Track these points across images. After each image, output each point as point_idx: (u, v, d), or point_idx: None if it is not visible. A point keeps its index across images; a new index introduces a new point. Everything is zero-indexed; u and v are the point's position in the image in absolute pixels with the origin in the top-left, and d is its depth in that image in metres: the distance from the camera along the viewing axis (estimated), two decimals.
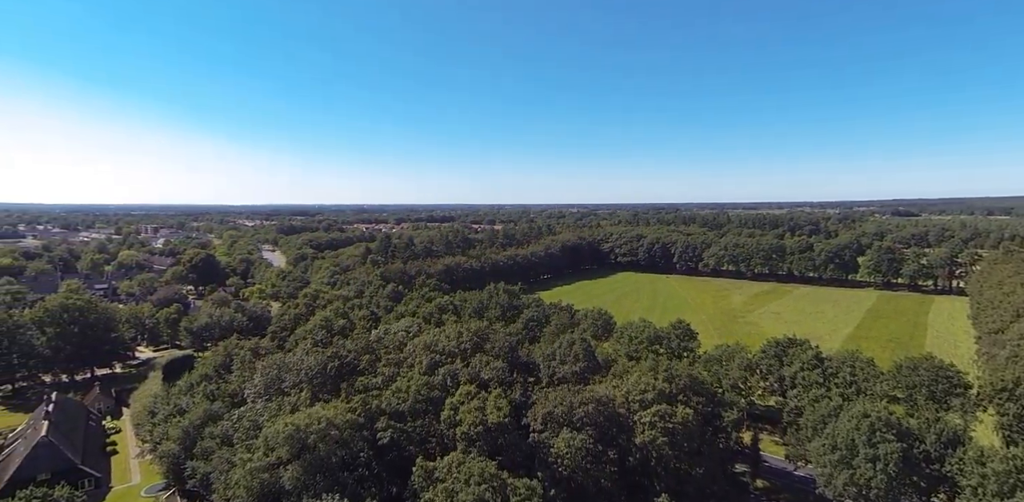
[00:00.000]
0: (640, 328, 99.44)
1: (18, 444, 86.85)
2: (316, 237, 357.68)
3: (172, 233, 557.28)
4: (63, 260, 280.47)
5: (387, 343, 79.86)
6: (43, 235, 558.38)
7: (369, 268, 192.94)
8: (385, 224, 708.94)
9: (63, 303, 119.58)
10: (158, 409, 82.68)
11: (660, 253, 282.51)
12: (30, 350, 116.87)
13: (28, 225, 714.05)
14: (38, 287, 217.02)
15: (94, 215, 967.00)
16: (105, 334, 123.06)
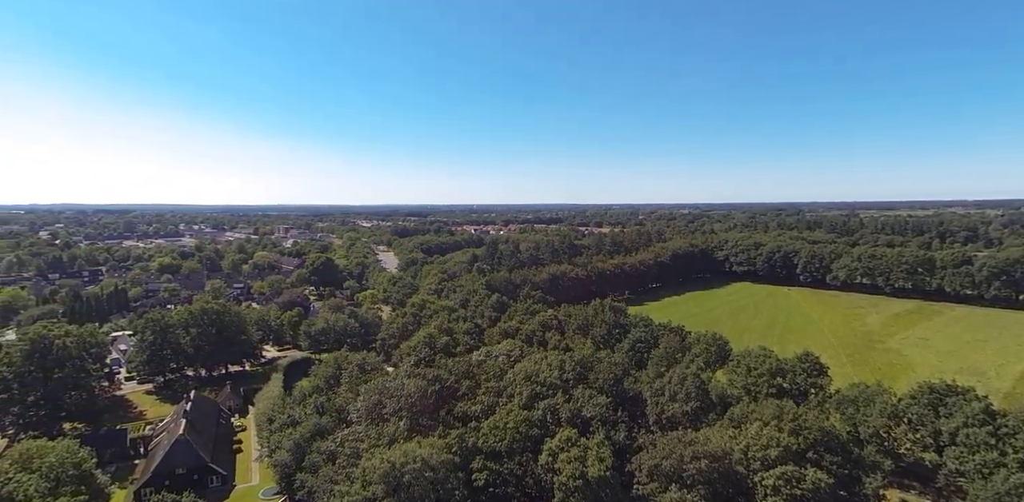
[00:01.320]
0: (760, 358, 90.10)
1: (162, 438, 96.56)
2: (426, 241, 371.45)
3: (300, 234, 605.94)
4: (210, 259, 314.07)
5: (488, 368, 78.77)
6: (197, 235, 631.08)
7: (475, 276, 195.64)
8: (493, 226, 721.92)
9: (203, 307, 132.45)
10: (275, 416, 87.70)
11: (781, 262, 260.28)
12: (178, 347, 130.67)
13: (187, 225, 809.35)
14: (189, 284, 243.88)
15: (238, 216, 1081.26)
16: (237, 335, 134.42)
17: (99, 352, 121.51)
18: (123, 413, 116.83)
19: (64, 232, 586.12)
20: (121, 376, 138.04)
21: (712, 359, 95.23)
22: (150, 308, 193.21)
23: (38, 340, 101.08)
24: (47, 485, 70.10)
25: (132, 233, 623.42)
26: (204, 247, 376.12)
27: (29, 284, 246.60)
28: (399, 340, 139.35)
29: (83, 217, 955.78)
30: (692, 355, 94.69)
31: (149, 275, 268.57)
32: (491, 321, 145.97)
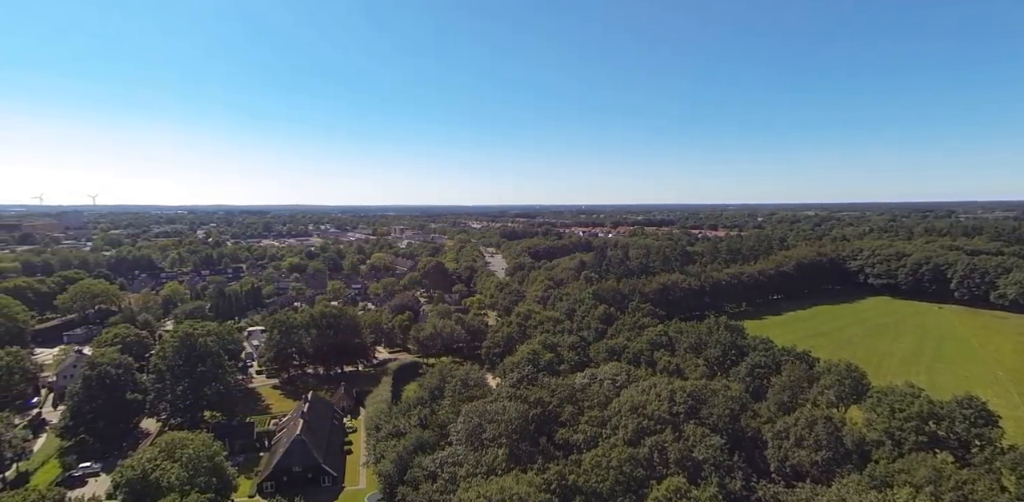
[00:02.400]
0: (907, 397, 77.44)
1: (283, 435, 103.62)
2: (534, 244, 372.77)
3: (414, 235, 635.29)
4: (332, 260, 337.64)
5: (592, 394, 75.51)
6: (323, 234, 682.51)
7: (582, 285, 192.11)
8: (601, 228, 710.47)
9: (322, 311, 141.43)
10: (382, 424, 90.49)
11: (930, 275, 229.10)
12: (300, 347, 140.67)
13: (315, 225, 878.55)
14: (313, 284, 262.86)
15: (359, 216, 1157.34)
16: (352, 338, 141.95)
17: (235, 348, 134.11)
18: (253, 405, 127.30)
19: (215, 231, 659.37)
20: (253, 370, 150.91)
21: (845, 393, 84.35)
22: (279, 307, 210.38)
23: (185, 338, 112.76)
24: (185, 474, 77.09)
25: (269, 233, 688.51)
26: (328, 248, 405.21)
27: (186, 279, 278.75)
28: (503, 350, 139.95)
29: (231, 217, 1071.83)
30: (821, 387, 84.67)
31: (280, 273, 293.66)
32: (597, 334, 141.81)
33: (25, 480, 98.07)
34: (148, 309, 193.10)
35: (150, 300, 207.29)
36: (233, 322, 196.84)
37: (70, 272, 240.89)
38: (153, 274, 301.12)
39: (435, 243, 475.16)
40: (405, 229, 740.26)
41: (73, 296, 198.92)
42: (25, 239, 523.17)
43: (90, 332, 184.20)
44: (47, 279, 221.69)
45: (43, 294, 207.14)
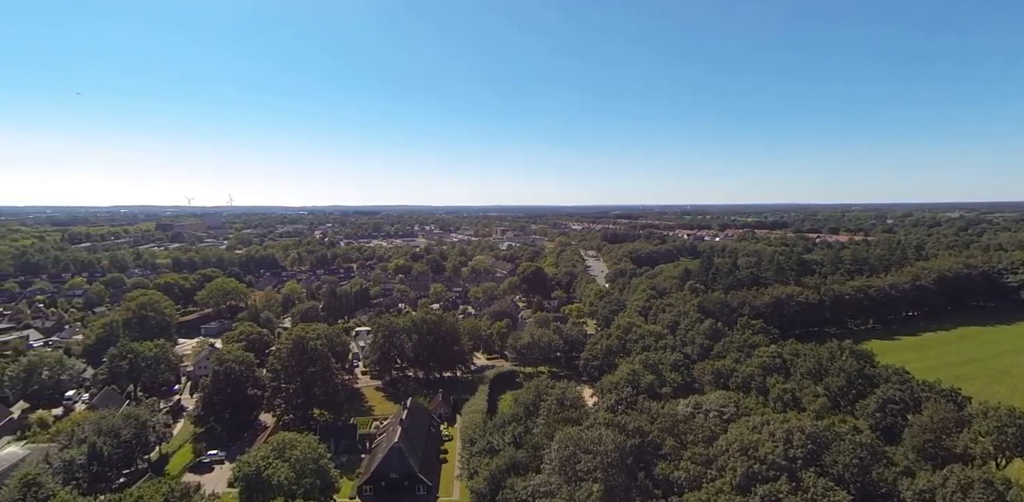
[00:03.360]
0: None
1: (382, 439, 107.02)
2: (635, 249, 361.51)
3: (515, 237, 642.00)
4: (435, 262, 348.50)
5: (696, 426, 70.02)
6: (428, 235, 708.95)
7: (686, 296, 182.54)
8: (708, 231, 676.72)
9: (424, 317, 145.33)
10: (476, 438, 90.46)
11: None
12: (401, 351, 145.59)
13: (420, 226, 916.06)
14: (417, 286, 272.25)
15: (462, 217, 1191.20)
16: (450, 345, 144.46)
17: (342, 350, 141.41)
18: (357, 405, 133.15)
19: (331, 232, 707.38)
20: (358, 370, 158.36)
21: (1008, 443, 71.64)
22: (385, 308, 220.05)
23: (298, 341, 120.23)
24: (293, 475, 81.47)
25: (379, 233, 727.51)
26: (432, 249, 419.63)
27: (304, 278, 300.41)
28: (601, 363, 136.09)
29: (345, 218, 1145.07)
30: (974, 433, 72.79)
31: (387, 274, 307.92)
32: (702, 350, 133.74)
33: (166, 461, 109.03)
34: (270, 307, 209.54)
35: (271, 298, 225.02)
36: (343, 322, 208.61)
37: (208, 270, 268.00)
38: (276, 272, 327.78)
39: (535, 246, 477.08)
40: (506, 230, 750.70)
41: (210, 293, 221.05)
42: (176, 237, 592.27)
43: (222, 326, 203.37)
44: (190, 276, 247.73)
45: (186, 290, 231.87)
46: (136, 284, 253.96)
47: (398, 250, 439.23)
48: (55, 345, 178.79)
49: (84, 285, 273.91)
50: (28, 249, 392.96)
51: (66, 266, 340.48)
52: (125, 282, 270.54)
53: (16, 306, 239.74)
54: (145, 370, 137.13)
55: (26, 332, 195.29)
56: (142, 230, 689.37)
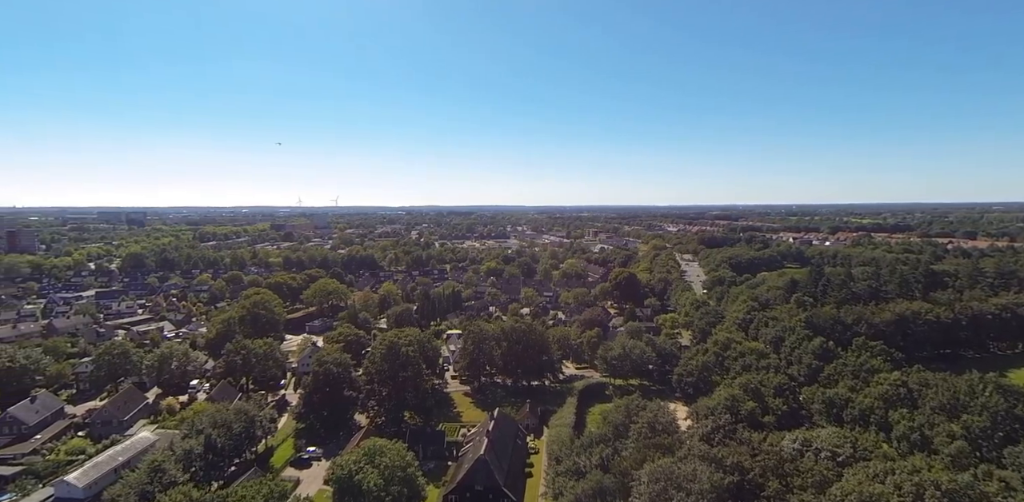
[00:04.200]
0: None
1: (468, 449, 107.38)
2: (735, 254, 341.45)
3: (608, 239, 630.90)
4: (526, 265, 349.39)
5: (804, 468, 63.18)
6: (520, 236, 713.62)
7: (792, 309, 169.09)
8: (816, 234, 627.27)
9: (513, 326, 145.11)
10: (562, 457, 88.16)
11: None
12: (490, 358, 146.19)
13: (512, 226, 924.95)
14: (508, 289, 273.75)
15: (554, 217, 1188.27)
16: (539, 354, 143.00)
17: (433, 355, 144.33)
18: (446, 410, 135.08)
19: (427, 232, 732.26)
20: (448, 375, 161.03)
21: None
22: (476, 312, 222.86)
23: (391, 346, 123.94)
24: (382, 481, 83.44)
25: (472, 234, 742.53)
26: (524, 252, 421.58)
27: (400, 279, 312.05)
28: (697, 380, 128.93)
29: (440, 218, 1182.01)
30: None
31: (479, 277, 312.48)
32: (810, 373, 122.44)
33: (270, 454, 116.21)
34: (367, 307, 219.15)
35: (369, 299, 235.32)
36: (435, 324, 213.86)
37: (313, 270, 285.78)
38: (374, 273, 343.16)
39: (628, 249, 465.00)
40: (599, 232, 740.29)
41: (314, 292, 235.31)
42: (287, 237, 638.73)
43: (325, 324, 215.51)
44: (297, 276, 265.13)
45: (294, 289, 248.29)
46: (252, 282, 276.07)
47: (490, 252, 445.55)
48: (184, 337, 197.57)
49: (209, 281, 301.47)
50: (167, 247, 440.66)
51: (195, 263, 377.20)
52: (243, 279, 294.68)
53: (155, 299, 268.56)
54: (256, 366, 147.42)
55: (161, 324, 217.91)
56: (259, 230, 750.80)
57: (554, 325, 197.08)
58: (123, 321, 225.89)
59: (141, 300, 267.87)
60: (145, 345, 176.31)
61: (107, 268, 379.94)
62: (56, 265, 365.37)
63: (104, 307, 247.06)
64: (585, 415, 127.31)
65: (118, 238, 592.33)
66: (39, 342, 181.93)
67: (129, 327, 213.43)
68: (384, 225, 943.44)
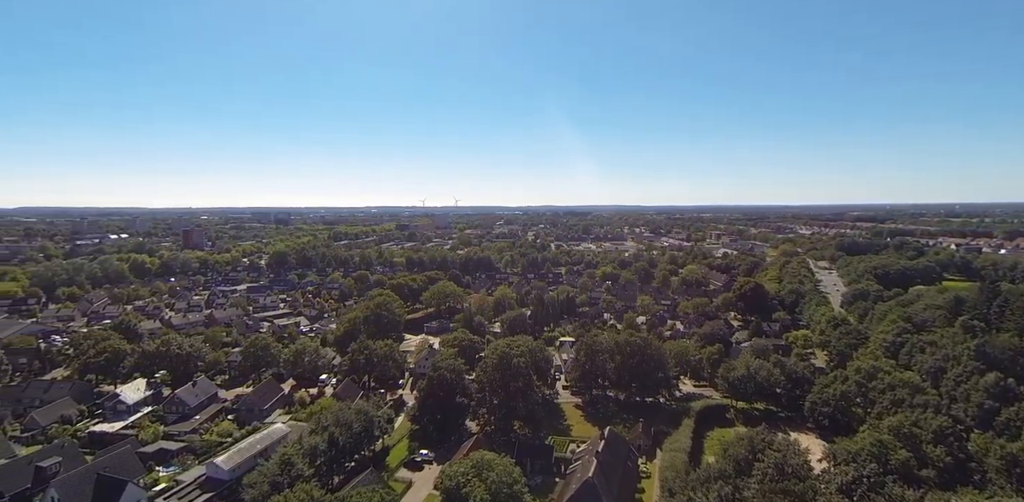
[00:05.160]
0: None
1: (577, 467, 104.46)
2: (883, 263, 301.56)
3: (732, 242, 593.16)
4: (643, 270, 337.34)
5: None
6: (637, 238, 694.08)
7: (957, 334, 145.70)
8: (987, 239, 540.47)
9: (627, 340, 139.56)
10: (676, 489, 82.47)
11: None
12: (603, 372, 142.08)
13: (630, 228, 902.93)
14: (624, 296, 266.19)
15: (674, 218, 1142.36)
16: (654, 370, 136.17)
17: (545, 366, 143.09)
18: (556, 422, 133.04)
19: (543, 233, 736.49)
20: (560, 384, 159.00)
21: None
22: (590, 319, 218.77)
23: (503, 356, 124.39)
24: (488, 497, 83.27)
25: (588, 235, 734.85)
26: (641, 256, 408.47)
27: (515, 283, 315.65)
28: (833, 411, 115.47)
29: (557, 219, 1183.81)
30: None
31: (594, 282, 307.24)
32: (982, 416, 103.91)
33: (386, 453, 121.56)
34: (482, 311, 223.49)
35: (484, 302, 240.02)
36: (548, 330, 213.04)
37: (433, 272, 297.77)
38: (491, 275, 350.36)
39: (754, 254, 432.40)
40: (721, 234, 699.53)
41: (433, 294, 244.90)
42: (411, 237, 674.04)
43: (442, 325, 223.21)
44: (418, 277, 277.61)
45: (414, 290, 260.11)
46: (377, 281, 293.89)
47: (606, 255, 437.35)
48: (316, 332, 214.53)
49: (340, 279, 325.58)
50: (306, 246, 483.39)
51: (329, 261, 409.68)
52: (369, 278, 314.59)
53: (295, 295, 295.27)
54: (377, 365, 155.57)
55: (298, 319, 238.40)
56: (385, 230, 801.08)
57: (671, 337, 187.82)
58: (267, 314, 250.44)
59: (283, 295, 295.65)
60: (284, 339, 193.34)
61: (257, 264, 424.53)
62: (218, 261, 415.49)
63: (253, 300, 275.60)
64: (702, 440, 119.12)
65: (267, 236, 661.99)
66: (202, 331, 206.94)
67: (272, 320, 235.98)
68: (502, 225, 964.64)
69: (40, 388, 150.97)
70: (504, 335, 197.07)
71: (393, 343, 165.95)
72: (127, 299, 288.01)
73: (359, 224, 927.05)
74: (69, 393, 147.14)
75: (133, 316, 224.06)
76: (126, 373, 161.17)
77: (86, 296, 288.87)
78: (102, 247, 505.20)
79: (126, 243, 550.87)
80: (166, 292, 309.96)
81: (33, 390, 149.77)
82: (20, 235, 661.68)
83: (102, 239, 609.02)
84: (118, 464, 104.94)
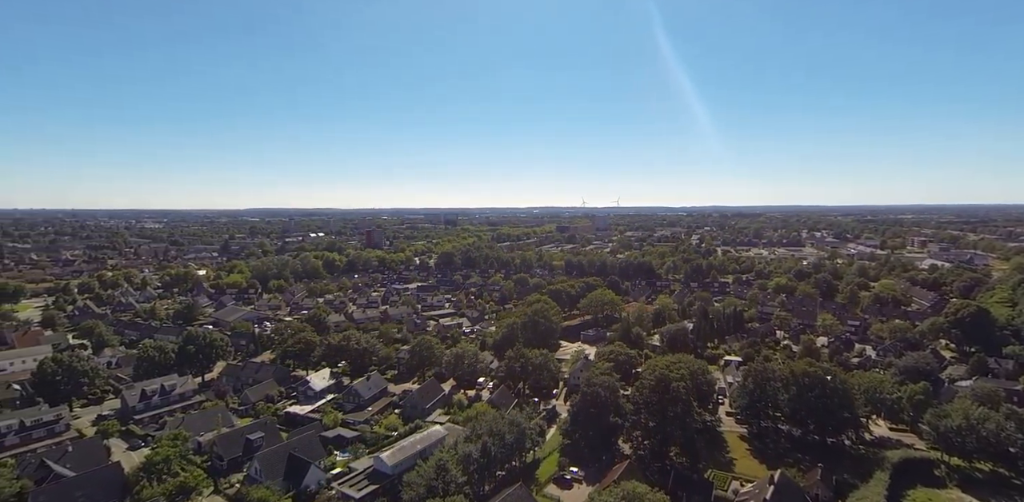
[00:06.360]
0: None
1: None
2: None
3: (942, 251, 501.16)
4: (826, 283, 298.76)
5: None
6: (818, 244, 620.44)
7: None
8: None
9: (804, 370, 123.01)
10: None
11: None
12: (775, 403, 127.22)
13: (809, 232, 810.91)
14: (801, 313, 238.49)
15: (863, 221, 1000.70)
16: (839, 409, 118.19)
17: (707, 389, 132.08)
18: (716, 453, 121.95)
19: (708, 237, 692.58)
20: (723, 410, 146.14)
21: None
22: (760, 337, 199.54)
23: (661, 379, 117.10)
24: None
25: (759, 240, 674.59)
26: (822, 265, 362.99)
27: (676, 292, 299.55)
28: None
29: (724, 220, 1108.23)
30: None
31: (765, 294, 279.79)
32: None
33: (536, 466, 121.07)
34: (641, 321, 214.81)
35: (643, 312, 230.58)
36: (712, 346, 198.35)
37: (590, 278, 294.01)
38: (650, 282, 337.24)
39: (973, 268, 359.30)
40: (927, 241, 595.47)
41: (590, 301, 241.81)
42: (570, 239, 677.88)
43: (598, 334, 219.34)
44: (576, 283, 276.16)
45: (572, 296, 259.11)
46: (535, 285, 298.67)
47: (780, 263, 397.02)
48: (477, 334, 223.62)
49: (500, 281, 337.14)
50: (470, 247, 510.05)
51: (491, 263, 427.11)
52: (528, 282, 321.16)
53: (459, 295, 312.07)
54: (532, 373, 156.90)
55: (461, 320, 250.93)
56: (545, 231, 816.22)
57: (859, 366, 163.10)
58: (434, 313, 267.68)
59: (448, 295, 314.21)
60: (447, 339, 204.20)
61: (427, 264, 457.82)
62: (393, 259, 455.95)
63: (421, 299, 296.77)
64: (900, 501, 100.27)
65: (436, 237, 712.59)
66: (377, 326, 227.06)
67: (437, 319, 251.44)
68: (663, 227, 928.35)
69: (253, 368, 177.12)
70: (663, 349, 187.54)
71: (548, 352, 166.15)
72: (320, 292, 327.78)
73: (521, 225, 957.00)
74: (272, 375, 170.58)
75: (323, 309, 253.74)
76: (315, 362, 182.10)
77: (289, 288, 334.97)
78: (303, 244, 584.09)
79: (321, 241, 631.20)
80: (350, 288, 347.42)
81: (248, 370, 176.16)
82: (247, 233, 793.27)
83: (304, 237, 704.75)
84: (306, 445, 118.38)
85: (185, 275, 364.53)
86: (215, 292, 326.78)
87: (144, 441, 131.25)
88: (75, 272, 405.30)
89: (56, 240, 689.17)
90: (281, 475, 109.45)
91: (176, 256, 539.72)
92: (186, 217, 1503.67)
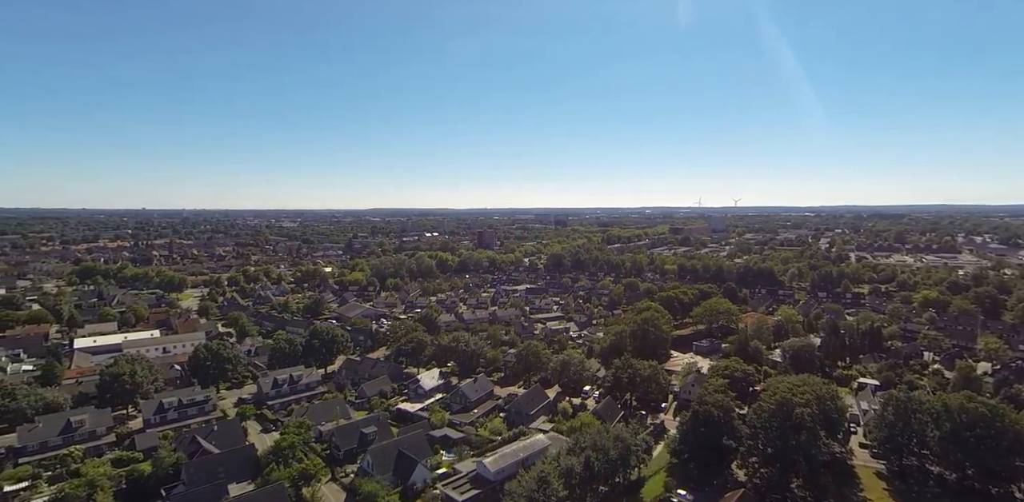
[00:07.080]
0: None
1: None
2: None
3: None
4: (989, 298, 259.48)
5: None
6: (979, 251, 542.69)
7: None
8: None
9: (963, 404, 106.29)
10: None
11: None
12: (922, 439, 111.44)
13: (967, 236, 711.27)
14: (956, 333, 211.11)
15: None
16: (1007, 454, 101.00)
17: (837, 417, 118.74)
18: (847, 492, 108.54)
19: (839, 240, 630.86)
20: (856, 439, 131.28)
21: None
22: (903, 359, 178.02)
23: (782, 403, 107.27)
24: None
25: (902, 245, 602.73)
26: (983, 277, 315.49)
27: (802, 302, 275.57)
28: None
29: (858, 222, 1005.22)
30: None
31: (909, 309, 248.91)
32: None
33: (641, 484, 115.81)
34: (760, 334, 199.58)
35: (763, 324, 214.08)
36: (842, 367, 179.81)
37: (705, 286, 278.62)
38: (772, 290, 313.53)
39: None
40: None
41: (704, 310, 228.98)
42: (684, 241, 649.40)
43: (712, 345, 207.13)
44: (689, 290, 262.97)
45: (684, 304, 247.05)
46: (646, 291, 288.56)
47: (929, 273, 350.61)
48: (584, 340, 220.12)
49: (610, 285, 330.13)
50: (579, 248, 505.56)
51: (601, 265, 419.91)
52: (638, 286, 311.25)
53: (567, 298, 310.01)
54: (640, 385, 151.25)
55: (568, 324, 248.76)
56: (658, 233, 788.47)
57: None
58: (541, 316, 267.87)
59: (556, 298, 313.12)
60: (554, 344, 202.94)
61: (536, 265, 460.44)
62: (503, 260, 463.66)
63: (530, 302, 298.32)
64: None
65: (546, 237, 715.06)
66: (486, 327, 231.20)
67: (544, 323, 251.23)
68: (787, 230, 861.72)
69: (369, 364, 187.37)
70: (784, 366, 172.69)
71: (658, 365, 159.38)
72: (432, 291, 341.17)
73: (632, 226, 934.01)
74: (386, 371, 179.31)
75: (435, 309, 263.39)
76: (426, 361, 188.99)
77: (405, 287, 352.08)
78: (419, 244, 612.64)
79: (435, 241, 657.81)
80: (461, 287, 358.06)
81: (365, 365, 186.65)
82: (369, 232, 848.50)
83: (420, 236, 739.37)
84: (415, 443, 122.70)
85: (313, 272, 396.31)
86: (339, 288, 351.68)
87: (275, 425, 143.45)
88: (225, 267, 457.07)
89: (212, 237, 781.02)
90: (390, 470, 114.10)
91: (307, 253, 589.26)
92: (317, 217, 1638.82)
